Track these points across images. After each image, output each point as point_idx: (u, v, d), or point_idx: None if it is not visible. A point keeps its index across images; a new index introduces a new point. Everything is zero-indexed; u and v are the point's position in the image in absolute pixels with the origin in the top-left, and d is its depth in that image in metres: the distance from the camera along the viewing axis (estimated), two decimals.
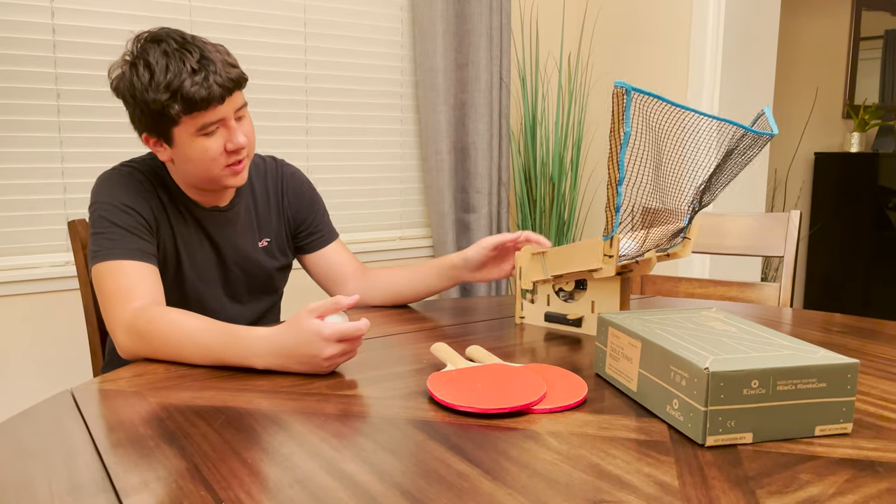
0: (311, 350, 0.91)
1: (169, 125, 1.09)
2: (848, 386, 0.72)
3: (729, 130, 0.92)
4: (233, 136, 1.11)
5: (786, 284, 1.61)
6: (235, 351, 0.95)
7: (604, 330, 0.91)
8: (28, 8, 1.81)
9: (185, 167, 1.14)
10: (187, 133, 1.09)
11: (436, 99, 2.38)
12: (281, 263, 1.33)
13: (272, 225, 1.31)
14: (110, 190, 1.14)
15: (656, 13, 2.55)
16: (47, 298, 1.89)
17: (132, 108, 1.11)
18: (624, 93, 0.86)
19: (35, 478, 0.65)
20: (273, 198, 1.31)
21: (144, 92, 1.06)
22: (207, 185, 1.17)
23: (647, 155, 0.91)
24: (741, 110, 2.47)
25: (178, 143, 1.11)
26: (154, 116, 1.08)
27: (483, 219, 2.52)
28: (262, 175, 1.31)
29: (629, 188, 0.93)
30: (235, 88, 1.10)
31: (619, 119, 0.88)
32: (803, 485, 0.63)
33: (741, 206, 2.54)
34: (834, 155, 4.03)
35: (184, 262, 1.21)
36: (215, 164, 1.12)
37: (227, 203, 1.25)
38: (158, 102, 1.05)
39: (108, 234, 1.10)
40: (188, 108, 1.05)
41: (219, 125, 1.10)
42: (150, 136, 1.13)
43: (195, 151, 1.10)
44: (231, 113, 1.10)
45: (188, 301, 1.23)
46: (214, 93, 1.06)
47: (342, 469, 0.66)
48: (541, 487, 0.62)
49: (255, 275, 1.29)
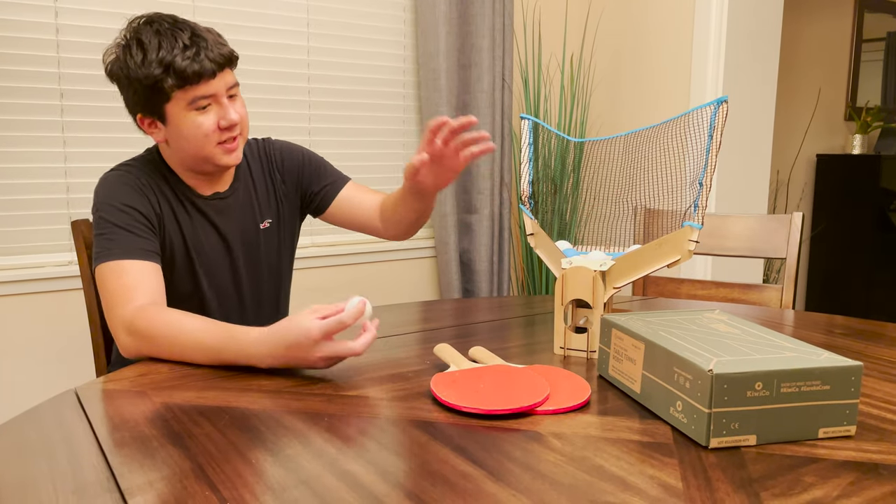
0: (301, 351, 0.90)
1: (162, 101, 1.12)
2: (852, 388, 0.72)
3: (692, 121, 0.95)
4: (225, 112, 1.14)
5: (788, 286, 1.61)
6: (234, 350, 0.95)
7: (607, 332, 0.91)
8: (32, 8, 1.82)
9: (179, 145, 1.16)
10: (180, 108, 1.12)
11: (438, 100, 2.39)
12: (284, 244, 1.35)
13: (272, 205, 1.33)
14: (109, 191, 1.15)
15: (659, 15, 2.55)
16: (51, 298, 1.89)
17: (126, 89, 1.14)
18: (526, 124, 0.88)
19: (39, 477, 0.65)
20: (268, 176, 1.33)
21: (138, 69, 1.09)
22: (202, 166, 1.19)
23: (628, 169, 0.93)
24: (744, 112, 2.47)
25: (171, 120, 1.13)
26: (147, 94, 1.11)
27: (485, 219, 2.52)
28: (255, 157, 1.33)
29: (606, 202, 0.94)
30: (227, 65, 1.14)
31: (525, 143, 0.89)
32: (807, 487, 0.63)
33: (743, 207, 2.54)
34: (836, 157, 4.03)
35: (192, 252, 1.22)
36: (208, 140, 1.14)
37: (227, 188, 1.26)
38: (151, 77, 1.09)
39: (109, 234, 1.12)
40: (181, 81, 1.09)
41: (211, 101, 1.13)
42: (145, 116, 1.16)
43: (188, 127, 1.13)
44: (223, 90, 1.14)
45: (201, 291, 1.24)
46: (206, 67, 1.10)
47: (346, 469, 0.66)
48: (544, 489, 0.62)
49: (260, 257, 1.31)
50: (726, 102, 0.93)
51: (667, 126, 1.03)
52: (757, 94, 2.50)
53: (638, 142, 1.07)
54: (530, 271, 2.69)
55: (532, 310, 1.33)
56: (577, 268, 1.00)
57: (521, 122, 1.14)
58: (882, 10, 4.17)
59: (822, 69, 4.08)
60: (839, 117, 4.21)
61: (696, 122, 0.98)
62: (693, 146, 0.98)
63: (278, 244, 1.34)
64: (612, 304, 1.21)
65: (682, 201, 1.02)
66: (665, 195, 1.06)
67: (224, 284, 1.27)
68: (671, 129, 1.02)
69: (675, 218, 1.03)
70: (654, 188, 1.06)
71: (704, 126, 0.97)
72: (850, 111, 4.18)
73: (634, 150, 1.08)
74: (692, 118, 0.98)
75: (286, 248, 1.36)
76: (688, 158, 0.99)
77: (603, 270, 0.99)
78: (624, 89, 2.71)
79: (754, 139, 2.52)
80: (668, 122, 1.03)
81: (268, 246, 1.32)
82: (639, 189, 1.08)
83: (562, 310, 1.01)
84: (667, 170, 1.04)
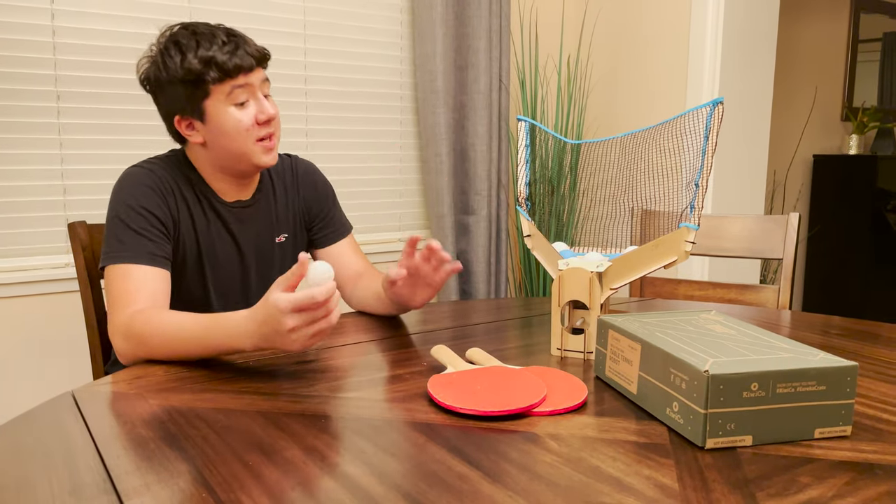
0: (273, 324, 0.88)
1: (201, 98, 1.14)
2: (847, 389, 0.73)
3: (688, 122, 0.96)
4: (263, 106, 1.17)
5: (784, 287, 1.61)
6: (219, 335, 0.95)
7: (604, 333, 0.91)
8: (28, 10, 1.82)
9: (219, 143, 1.17)
10: (220, 104, 1.14)
11: (435, 101, 2.39)
12: (295, 259, 1.35)
13: (289, 221, 1.33)
14: (128, 189, 1.15)
15: (656, 16, 2.56)
16: (47, 300, 1.89)
17: (164, 92, 1.16)
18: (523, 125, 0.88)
19: (36, 480, 0.65)
20: (290, 192, 1.33)
21: (178, 68, 1.12)
22: (239, 165, 1.19)
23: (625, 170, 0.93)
24: (740, 113, 2.48)
25: (210, 117, 1.15)
26: (188, 92, 1.13)
27: (482, 220, 2.52)
28: (279, 171, 1.34)
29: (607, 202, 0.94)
30: (263, 60, 1.17)
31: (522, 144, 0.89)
32: (803, 487, 0.63)
33: (740, 208, 2.54)
34: (833, 157, 4.04)
35: (204, 257, 1.22)
36: (249, 136, 1.16)
37: (250, 197, 1.27)
38: (193, 73, 1.12)
39: (121, 236, 1.12)
40: (222, 74, 1.12)
41: (249, 96, 1.16)
42: (183, 117, 1.17)
43: (229, 122, 1.15)
44: (259, 84, 1.17)
45: (209, 297, 1.24)
46: (245, 61, 1.13)
47: (343, 471, 0.66)
48: (541, 490, 0.62)
49: (272, 270, 1.31)
50: (722, 104, 0.94)
51: (663, 127, 1.03)
52: (753, 95, 2.50)
53: (634, 143, 1.08)
54: (527, 273, 2.70)
55: (529, 311, 1.33)
56: (573, 269, 1.00)
57: (518, 123, 1.14)
58: (878, 11, 4.19)
59: (819, 70, 4.09)
60: (835, 118, 4.22)
61: (692, 123, 0.98)
62: (689, 147, 0.99)
63: (291, 259, 1.34)
64: (609, 306, 1.22)
65: (679, 202, 1.02)
66: (662, 196, 1.06)
67: (232, 293, 1.27)
68: (667, 130, 1.02)
69: (672, 219, 1.04)
70: (651, 189, 1.06)
71: (700, 127, 0.97)
72: (846, 112, 4.19)
73: (631, 151, 1.08)
74: (688, 119, 0.99)
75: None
76: (684, 160, 0.99)
77: (600, 272, 0.99)
78: (620, 91, 2.71)
79: (751, 140, 2.53)
80: (665, 123, 1.03)
81: (281, 260, 1.32)
82: (635, 190, 1.08)
83: (559, 311, 1.02)
84: (663, 171, 1.05)
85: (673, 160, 1.02)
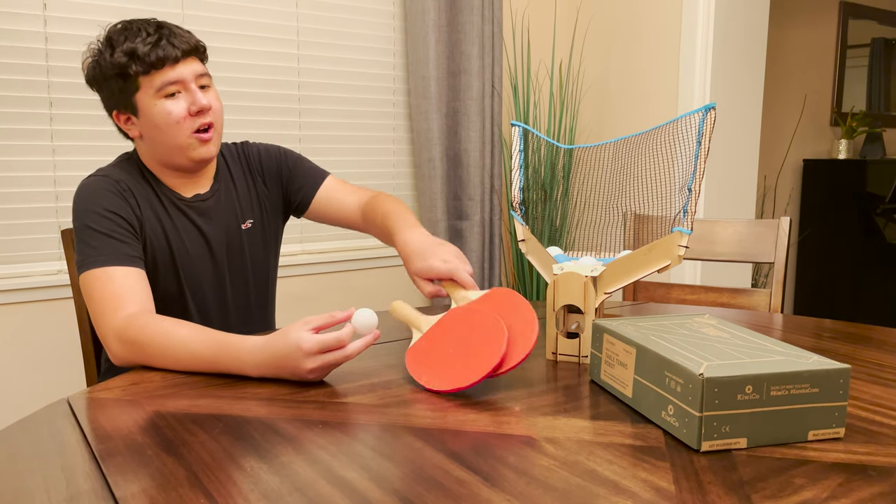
0: (293, 362, 0.91)
1: (132, 92, 1.15)
2: (840, 391, 0.73)
3: (680, 128, 0.97)
4: (195, 97, 1.16)
5: (776, 290, 1.62)
6: (227, 360, 0.95)
7: (599, 336, 0.91)
8: (21, 17, 1.81)
9: (153, 137, 1.18)
10: (149, 97, 1.15)
11: (428, 107, 2.39)
12: (268, 244, 1.35)
13: (253, 206, 1.33)
14: (89, 197, 1.15)
15: (647, 21, 2.57)
16: (40, 307, 1.88)
17: (102, 89, 1.18)
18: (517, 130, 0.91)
19: (33, 487, 0.65)
20: (248, 178, 1.34)
21: (108, 64, 1.14)
22: (178, 159, 1.19)
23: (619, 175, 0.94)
24: (731, 118, 2.49)
25: (142, 111, 1.16)
26: (118, 86, 1.15)
27: (476, 226, 2.53)
28: (235, 159, 1.34)
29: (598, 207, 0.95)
30: (192, 53, 1.17)
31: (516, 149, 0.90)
32: (797, 489, 0.63)
33: (731, 212, 2.56)
34: (822, 162, 4.06)
35: (175, 254, 1.22)
36: (181, 128, 1.16)
37: (207, 190, 1.27)
38: (117, 66, 1.13)
39: (92, 241, 1.11)
40: (145, 66, 1.12)
41: (180, 88, 1.16)
42: (120, 112, 1.19)
43: (159, 115, 1.15)
44: (191, 77, 1.16)
45: (184, 293, 1.24)
46: (169, 53, 1.13)
47: (341, 476, 0.66)
48: (538, 493, 0.63)
49: (243, 258, 1.31)
50: (714, 109, 0.94)
51: (656, 133, 1.04)
52: (744, 100, 2.52)
53: (627, 148, 1.09)
54: (521, 277, 2.70)
55: None
56: (568, 273, 1.00)
57: (511, 128, 1.15)
58: (866, 17, 4.23)
59: (808, 75, 4.13)
60: (825, 123, 4.26)
61: (684, 128, 0.99)
62: (682, 152, 0.99)
63: (261, 245, 1.34)
64: (604, 310, 1.22)
65: (672, 207, 1.03)
66: (654, 201, 1.07)
67: (206, 286, 1.26)
68: (660, 135, 1.03)
69: (665, 223, 1.04)
70: (644, 194, 1.07)
71: (693, 132, 0.98)
72: (835, 116, 4.22)
73: (624, 156, 1.09)
74: (680, 125, 1.00)
75: (270, 249, 1.36)
76: (676, 164, 1.00)
77: (594, 276, 1.00)
78: (613, 96, 2.73)
79: (742, 145, 2.54)
80: (657, 128, 1.04)
81: (251, 247, 1.32)
82: (628, 195, 1.09)
83: (553, 315, 1.02)
84: (656, 176, 1.05)
85: (665, 165, 1.03)
